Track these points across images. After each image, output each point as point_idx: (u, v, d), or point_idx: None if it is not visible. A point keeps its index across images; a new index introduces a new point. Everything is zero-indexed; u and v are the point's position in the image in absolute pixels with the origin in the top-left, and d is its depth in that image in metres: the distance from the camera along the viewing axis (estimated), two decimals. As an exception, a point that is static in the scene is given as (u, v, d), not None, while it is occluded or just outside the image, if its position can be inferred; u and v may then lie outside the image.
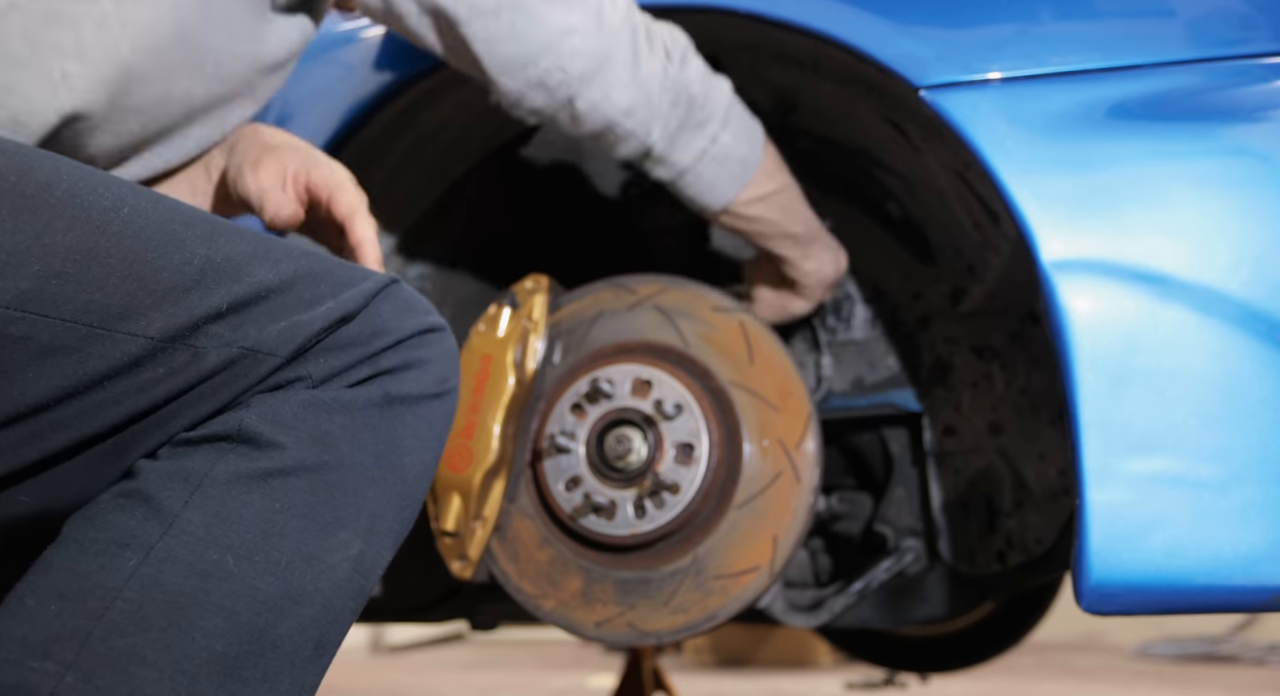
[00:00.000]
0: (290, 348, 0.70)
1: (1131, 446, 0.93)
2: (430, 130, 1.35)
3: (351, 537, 0.71)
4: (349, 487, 0.71)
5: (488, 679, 3.91)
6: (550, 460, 1.21)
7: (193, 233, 0.70)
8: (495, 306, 1.24)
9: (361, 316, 0.73)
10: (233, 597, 0.65)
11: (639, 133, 1.08)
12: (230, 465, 0.68)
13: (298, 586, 0.68)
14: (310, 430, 0.70)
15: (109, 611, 0.63)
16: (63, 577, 0.64)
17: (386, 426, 0.73)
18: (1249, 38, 0.98)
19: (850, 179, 1.41)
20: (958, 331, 1.39)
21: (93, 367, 0.65)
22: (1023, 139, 0.99)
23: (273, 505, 0.68)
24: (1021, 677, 3.36)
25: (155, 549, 0.65)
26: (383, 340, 0.74)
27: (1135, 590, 0.93)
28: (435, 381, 0.77)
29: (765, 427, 1.18)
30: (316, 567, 0.69)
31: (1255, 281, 0.92)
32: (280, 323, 0.70)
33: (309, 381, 0.72)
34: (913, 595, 1.44)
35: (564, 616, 1.21)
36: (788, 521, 1.15)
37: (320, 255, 0.76)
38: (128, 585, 0.64)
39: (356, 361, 0.73)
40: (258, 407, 0.70)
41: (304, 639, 0.68)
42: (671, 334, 1.23)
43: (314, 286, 0.72)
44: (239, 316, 0.69)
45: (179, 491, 0.67)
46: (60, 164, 0.69)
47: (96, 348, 0.65)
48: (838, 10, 1.08)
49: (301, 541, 0.68)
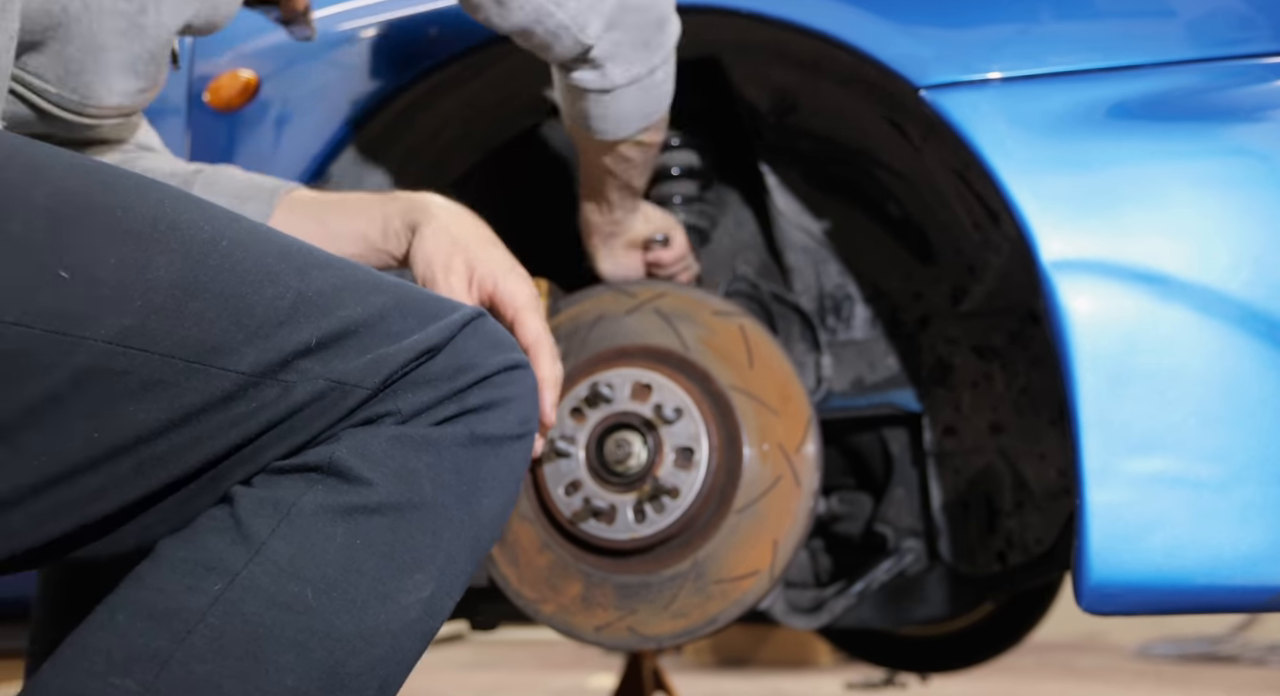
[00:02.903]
0: (376, 380, 0.70)
1: (1132, 446, 0.93)
2: (430, 130, 1.35)
3: (426, 580, 0.70)
4: (428, 528, 0.70)
5: (488, 679, 3.91)
6: (550, 464, 1.21)
7: (287, 266, 0.70)
8: (495, 308, 1.24)
9: (447, 350, 0.72)
10: (308, 632, 0.65)
11: (572, 28, 1.01)
12: (318, 497, 0.68)
13: (371, 626, 0.67)
14: (397, 468, 0.69)
15: (191, 635, 0.63)
16: (150, 595, 0.65)
17: (470, 467, 0.72)
18: (1249, 38, 0.98)
19: (850, 179, 1.41)
20: (958, 331, 1.39)
21: (188, 402, 0.65)
22: (1023, 139, 0.99)
23: (354, 541, 0.67)
24: (1022, 677, 3.36)
25: (240, 576, 0.65)
26: (469, 376, 0.72)
27: (1135, 590, 0.93)
28: (518, 422, 0.75)
29: (765, 431, 1.18)
30: (390, 608, 0.68)
31: (1255, 281, 0.92)
32: (367, 355, 0.69)
33: (398, 417, 0.71)
34: (913, 595, 1.44)
35: (564, 621, 1.21)
36: (788, 525, 1.15)
37: (409, 286, 0.76)
38: (211, 610, 0.64)
39: (444, 397, 0.72)
40: (348, 441, 0.69)
41: (371, 678, 0.68)
42: (671, 338, 1.23)
43: (402, 319, 0.72)
44: (328, 351, 0.69)
45: (268, 519, 0.67)
46: (163, 193, 0.69)
47: (192, 382, 0.65)
48: (838, 10, 1.08)
49: (379, 580, 0.68)
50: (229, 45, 1.34)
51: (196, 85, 1.34)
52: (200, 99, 1.33)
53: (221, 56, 1.34)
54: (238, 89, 1.31)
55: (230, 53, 1.34)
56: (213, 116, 1.33)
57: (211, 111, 1.33)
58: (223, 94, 1.32)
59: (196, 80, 1.35)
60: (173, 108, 1.34)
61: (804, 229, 1.43)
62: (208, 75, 1.34)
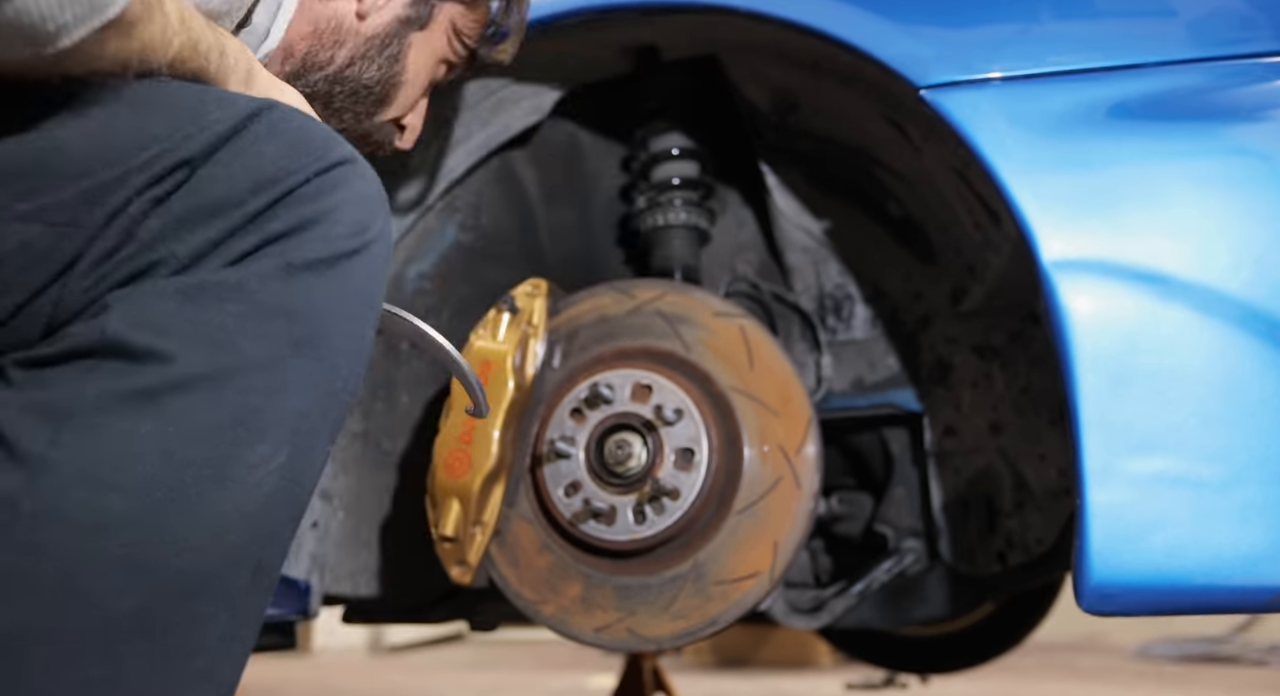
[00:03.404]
0: (99, 215, 0.56)
1: (1132, 446, 0.93)
2: (431, 129, 1.35)
3: (273, 448, 0.59)
4: (259, 388, 0.58)
5: (488, 679, 3.91)
6: (550, 465, 1.21)
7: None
8: (494, 311, 1.24)
9: (221, 163, 0.58)
10: (132, 546, 0.55)
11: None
12: (100, 385, 0.55)
13: (213, 516, 0.57)
14: (196, 328, 0.57)
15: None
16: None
17: (295, 305, 0.59)
18: (1249, 38, 0.97)
19: (850, 179, 1.41)
20: (958, 331, 1.39)
21: None
22: (1023, 139, 0.98)
23: (166, 429, 0.56)
24: (1022, 678, 3.36)
25: (22, 505, 0.54)
26: (267, 193, 0.59)
27: (1136, 590, 0.93)
28: (349, 233, 0.62)
29: (765, 433, 1.18)
30: (234, 490, 0.58)
31: (1255, 281, 0.92)
32: (82, 182, 0.56)
33: (174, 264, 0.57)
34: (913, 595, 1.44)
35: (563, 622, 1.21)
36: (788, 526, 1.15)
37: (168, 85, 0.60)
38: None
39: (235, 227, 0.58)
40: (120, 309, 0.56)
41: (234, 570, 0.59)
42: (672, 339, 1.23)
43: (137, 130, 0.57)
44: (25, 181, 0.55)
45: (41, 429, 0.55)
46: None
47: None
48: (838, 10, 1.08)
49: (208, 464, 0.57)
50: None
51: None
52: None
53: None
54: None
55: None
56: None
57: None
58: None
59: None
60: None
61: (804, 229, 1.43)
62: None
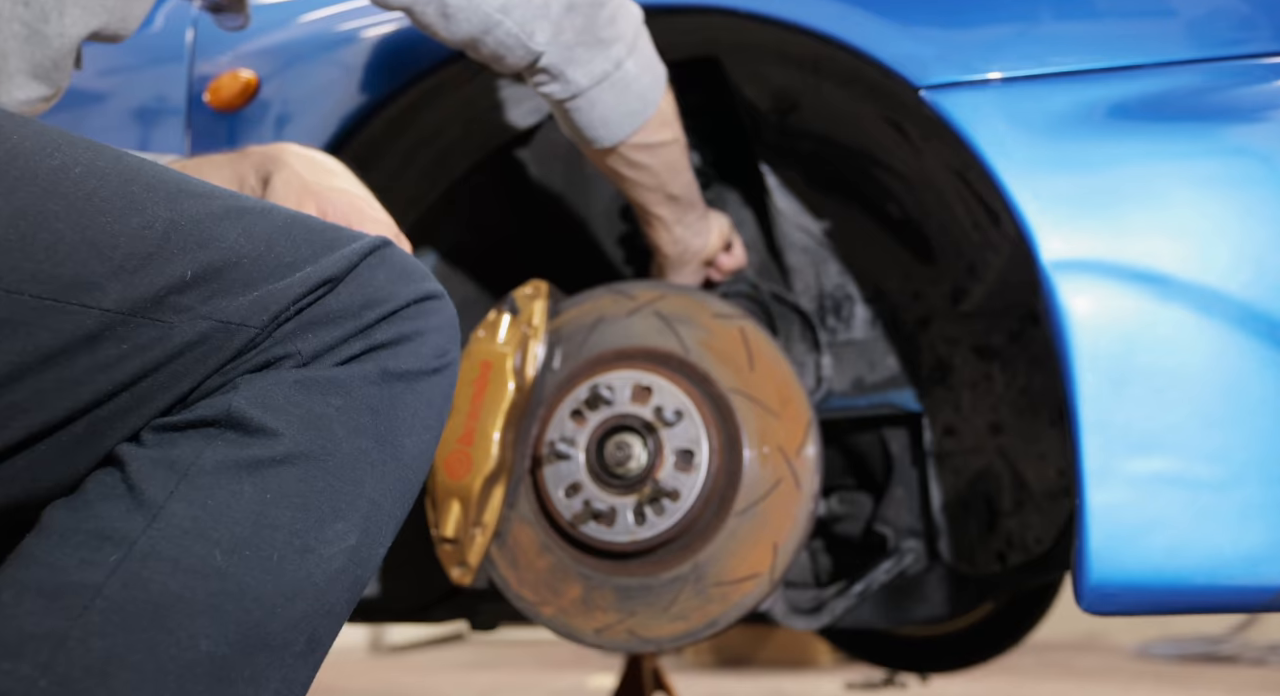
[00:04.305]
0: (264, 317, 0.65)
1: (1131, 446, 0.93)
2: (430, 130, 1.35)
3: (348, 528, 0.67)
4: (346, 475, 0.67)
5: (488, 679, 3.91)
6: (550, 466, 1.21)
7: (156, 194, 0.65)
8: (495, 312, 1.24)
9: (349, 283, 0.68)
10: (220, 595, 0.62)
11: (521, 37, 0.98)
12: (218, 453, 0.64)
13: (290, 581, 0.64)
14: (304, 414, 0.65)
15: (88, 611, 0.59)
16: (41, 572, 0.61)
17: (386, 407, 0.69)
18: (1249, 38, 0.98)
19: (850, 179, 1.41)
20: (958, 331, 1.39)
21: (44, 342, 0.60)
22: (1023, 139, 0.99)
23: (264, 496, 0.64)
24: (1022, 677, 3.36)
25: (138, 544, 0.61)
26: (376, 311, 0.68)
27: (1135, 590, 0.93)
28: (433, 355, 0.72)
29: (765, 434, 1.18)
30: (310, 561, 0.65)
31: (1255, 281, 0.92)
32: (254, 291, 0.65)
33: (298, 358, 0.67)
34: (913, 595, 1.44)
35: (564, 623, 1.21)
36: (788, 528, 1.15)
37: (305, 217, 0.71)
38: (108, 583, 0.60)
39: (348, 335, 0.68)
40: (246, 390, 0.65)
41: (296, 635, 0.65)
42: (671, 340, 1.23)
43: (293, 250, 0.67)
44: (208, 286, 0.64)
45: (164, 481, 0.63)
46: (8, 121, 0.64)
47: (47, 320, 0.60)
48: (838, 10, 1.08)
49: (295, 534, 0.65)
50: (229, 46, 1.34)
51: (196, 85, 1.34)
52: (200, 99, 1.33)
53: (222, 56, 1.34)
54: (238, 89, 1.31)
55: (230, 53, 1.34)
56: (213, 117, 1.32)
57: (211, 112, 1.33)
58: (223, 94, 1.32)
59: (197, 80, 1.34)
60: (173, 108, 1.34)
61: (804, 229, 1.43)
62: (208, 75, 1.34)
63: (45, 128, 0.66)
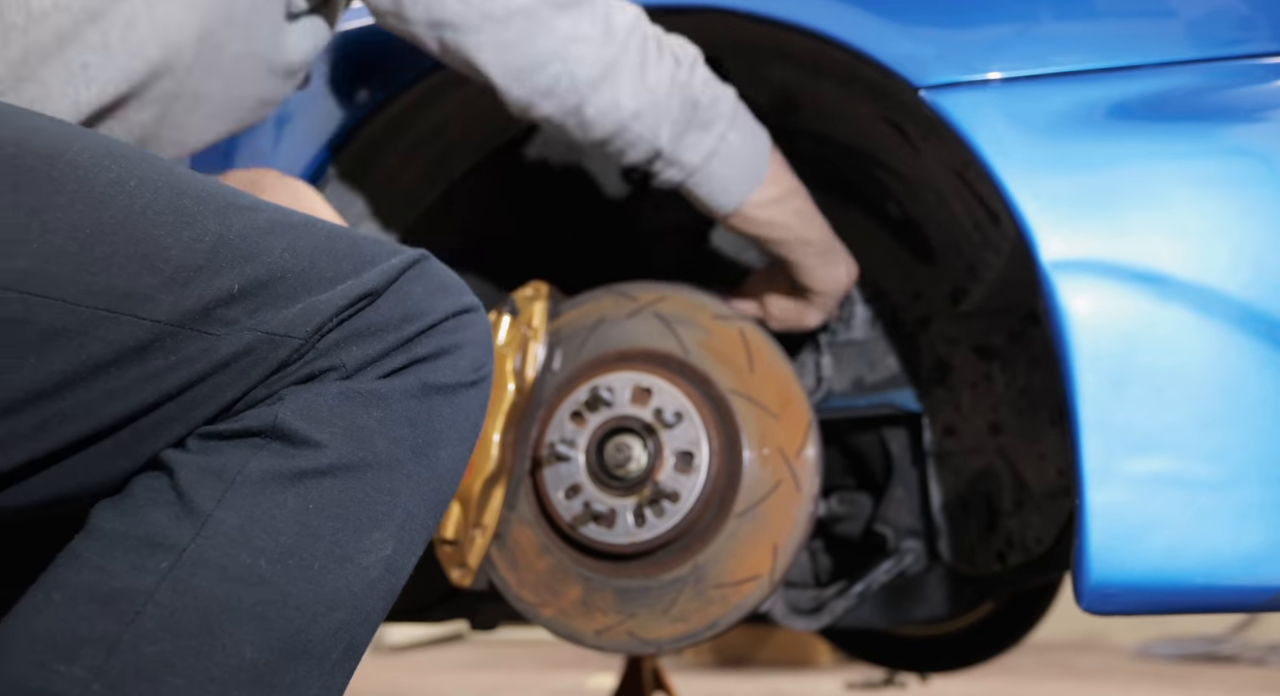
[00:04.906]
0: (308, 329, 0.67)
1: (1131, 446, 0.93)
2: (431, 129, 1.35)
3: (385, 538, 0.69)
4: (384, 486, 0.68)
5: (488, 679, 3.91)
6: (550, 468, 1.21)
7: (205, 207, 0.66)
8: (495, 314, 1.23)
9: (389, 296, 0.70)
10: (265, 603, 0.63)
11: (647, 136, 1.07)
12: (264, 463, 0.65)
13: (330, 590, 0.66)
14: (347, 426, 0.67)
15: (140, 616, 0.61)
16: (92, 576, 0.62)
17: (424, 420, 0.70)
18: (1249, 38, 0.97)
19: (850, 179, 1.41)
20: (958, 331, 1.39)
21: (96, 353, 0.62)
22: (1023, 139, 0.99)
23: (307, 506, 0.66)
24: (1022, 677, 3.36)
25: (188, 551, 0.63)
26: (416, 324, 0.70)
27: (1135, 590, 0.93)
28: (471, 368, 0.73)
29: (765, 436, 1.18)
30: (350, 570, 0.67)
31: (1255, 281, 0.92)
32: (298, 303, 0.67)
33: (342, 371, 0.68)
34: (913, 595, 1.44)
35: (564, 624, 1.21)
36: (788, 529, 1.15)
37: (346, 231, 0.73)
38: (159, 589, 0.62)
39: (390, 348, 0.69)
40: (292, 402, 0.67)
41: (334, 643, 0.67)
42: (671, 342, 1.23)
43: (335, 264, 0.69)
44: (254, 299, 0.66)
45: (212, 489, 0.64)
46: (67, 133, 0.66)
47: (100, 331, 0.62)
48: (838, 10, 1.08)
49: (336, 543, 0.66)
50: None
51: (196, 86, 1.34)
52: (200, 99, 1.33)
53: (221, 57, 1.34)
54: (237, 89, 1.31)
55: (230, 53, 1.33)
56: (212, 117, 1.32)
57: (211, 112, 1.32)
58: (222, 94, 1.32)
59: (196, 81, 1.34)
60: (172, 108, 1.34)
61: (804, 229, 1.42)
62: (207, 76, 1.33)
63: (102, 139, 0.68)
